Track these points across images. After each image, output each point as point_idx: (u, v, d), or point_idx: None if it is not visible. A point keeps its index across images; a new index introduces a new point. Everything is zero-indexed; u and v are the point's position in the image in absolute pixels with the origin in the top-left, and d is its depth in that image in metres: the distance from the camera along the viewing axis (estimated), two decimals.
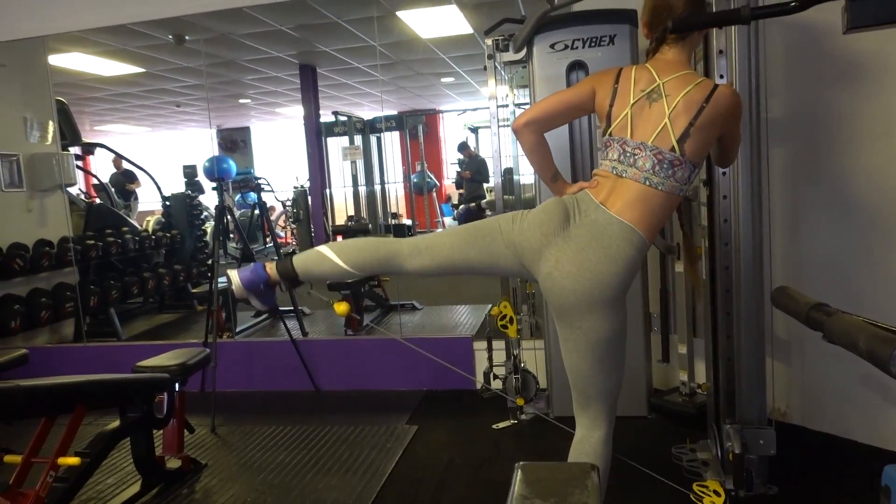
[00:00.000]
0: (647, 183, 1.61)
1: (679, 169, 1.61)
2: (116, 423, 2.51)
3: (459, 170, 9.21)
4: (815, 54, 2.66)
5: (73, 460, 2.22)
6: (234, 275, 1.83)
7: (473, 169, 8.89)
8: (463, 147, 9.29)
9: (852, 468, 2.54)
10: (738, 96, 1.71)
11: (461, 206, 9.37)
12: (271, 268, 1.83)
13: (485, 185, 9.20)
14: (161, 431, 2.78)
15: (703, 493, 2.22)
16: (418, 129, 9.46)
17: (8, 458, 2.30)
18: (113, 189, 7.99)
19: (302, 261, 1.84)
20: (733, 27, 2.14)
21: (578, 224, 1.63)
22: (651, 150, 1.61)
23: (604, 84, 1.72)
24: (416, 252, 1.77)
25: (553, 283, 1.62)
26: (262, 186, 9.21)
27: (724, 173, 2.23)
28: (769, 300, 1.84)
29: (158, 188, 7.18)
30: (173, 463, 2.77)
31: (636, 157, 1.63)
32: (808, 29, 2.65)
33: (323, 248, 1.83)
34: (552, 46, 2.87)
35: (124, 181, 8.49)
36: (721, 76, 2.18)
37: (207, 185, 8.76)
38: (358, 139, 8.62)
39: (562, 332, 1.69)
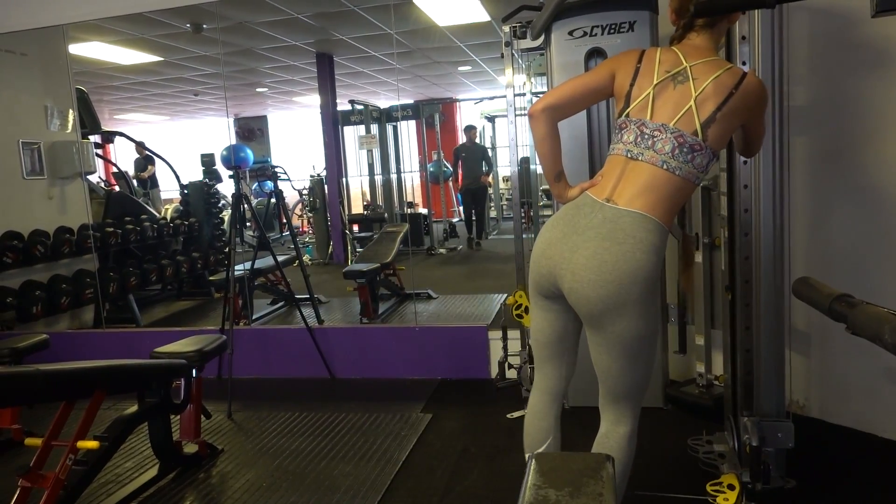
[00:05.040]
0: (665, 167, 1.56)
1: (699, 155, 1.57)
2: (134, 408, 2.54)
3: (459, 157, 8.89)
4: (840, 42, 2.61)
5: (91, 444, 2.25)
6: None
7: (477, 156, 8.75)
8: (468, 129, 9.10)
9: (873, 463, 2.50)
10: (765, 87, 1.68)
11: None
12: None
13: (492, 175, 9.12)
14: (178, 416, 2.81)
15: (716, 492, 2.20)
16: (435, 117, 9.42)
17: (29, 441, 2.34)
18: (134, 175, 8.10)
19: None
20: (757, 12, 2.09)
21: (583, 229, 1.57)
22: (672, 133, 1.57)
23: (625, 65, 1.68)
24: (542, 382, 1.84)
25: (577, 296, 1.57)
26: (279, 175, 9.26)
27: (744, 162, 2.19)
28: (789, 291, 1.81)
29: (177, 176, 7.25)
30: (190, 448, 2.80)
31: (655, 139, 1.58)
32: (834, 16, 2.59)
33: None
34: (570, 33, 2.83)
35: (142, 166, 8.59)
36: (744, 63, 2.14)
37: (225, 173, 8.85)
38: (374, 128, 8.61)
39: (592, 337, 1.64)
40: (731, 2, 1.56)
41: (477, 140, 8.96)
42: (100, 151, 7.41)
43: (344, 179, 8.21)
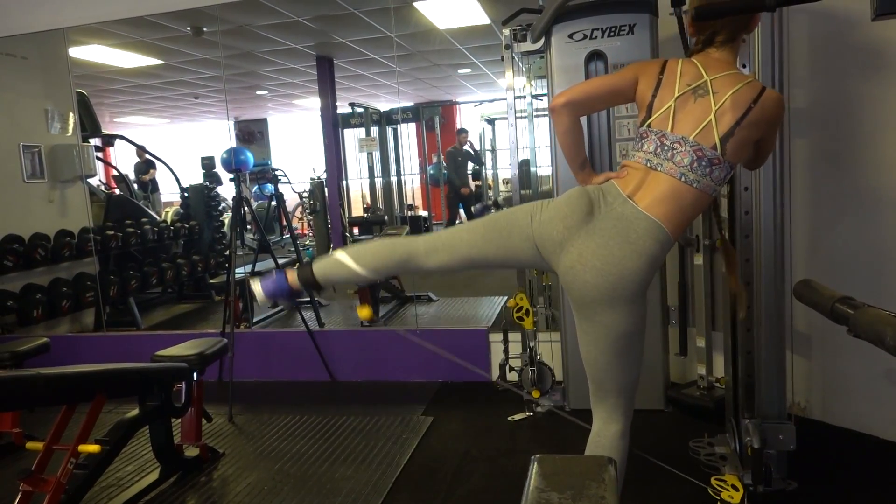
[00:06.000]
0: (683, 179, 1.57)
1: (717, 168, 1.58)
2: (136, 412, 2.54)
3: (456, 160, 8.79)
4: (841, 44, 2.61)
5: (93, 448, 2.25)
6: (256, 286, 1.85)
7: (465, 161, 8.73)
8: (460, 132, 9.07)
9: (874, 464, 2.50)
10: (784, 102, 1.68)
11: (478, 205, 9.15)
12: (293, 277, 1.83)
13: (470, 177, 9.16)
14: (179, 420, 2.81)
15: (721, 487, 2.19)
16: (435, 120, 9.41)
17: (30, 445, 2.34)
18: (135, 178, 8.09)
19: (321, 268, 1.83)
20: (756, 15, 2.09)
21: (604, 217, 1.59)
22: (691, 146, 1.58)
23: (648, 73, 1.68)
24: (433, 251, 1.76)
25: (575, 276, 1.59)
26: (279, 178, 9.25)
27: None
28: (790, 293, 1.81)
29: (177, 179, 7.24)
30: (191, 451, 2.80)
31: (675, 151, 1.59)
32: (834, 18, 2.60)
33: (340, 254, 1.82)
34: (570, 36, 2.84)
35: (143, 169, 8.59)
36: (744, 65, 2.14)
37: (225, 176, 8.84)
38: (374, 130, 8.61)
39: (580, 325, 1.66)
40: (731, 5, 1.55)
41: (466, 146, 8.96)
42: (100, 154, 7.41)
43: (344, 182, 8.20)
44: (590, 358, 1.67)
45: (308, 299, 4.94)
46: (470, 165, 9.00)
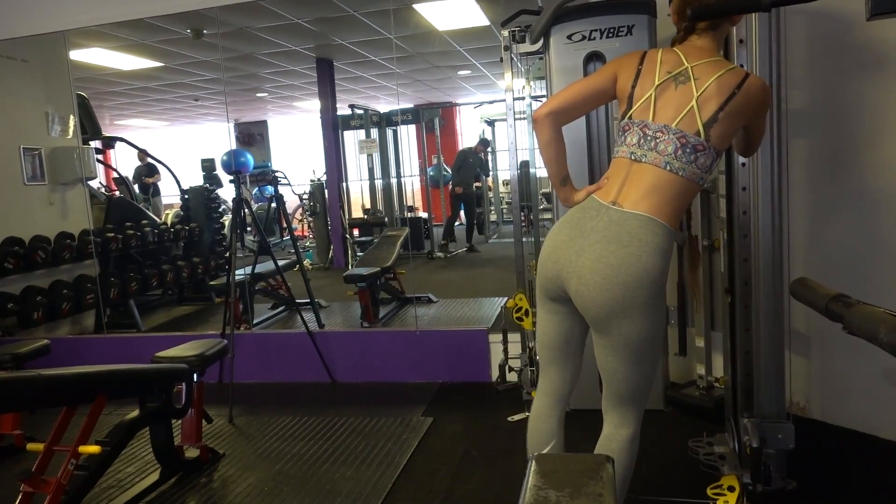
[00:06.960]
0: (668, 168, 1.55)
1: (702, 155, 1.56)
2: (136, 413, 2.55)
3: (467, 160, 8.89)
4: (838, 44, 2.62)
5: (93, 449, 2.26)
6: None
7: (476, 167, 8.81)
8: (483, 142, 9.17)
9: (874, 464, 2.51)
10: (768, 88, 1.68)
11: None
12: None
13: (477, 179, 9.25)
14: (180, 421, 2.81)
15: (717, 495, 2.19)
16: (434, 122, 9.43)
17: (30, 446, 2.35)
18: (134, 179, 8.09)
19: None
20: (754, 15, 2.10)
21: (588, 232, 1.57)
22: (674, 134, 1.56)
23: (627, 66, 1.68)
24: (544, 385, 1.82)
25: (583, 299, 1.57)
26: (279, 180, 9.28)
27: (743, 164, 2.19)
28: (788, 293, 1.82)
29: (177, 181, 7.26)
30: (192, 452, 2.81)
31: (658, 140, 1.57)
32: (831, 18, 2.61)
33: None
34: (569, 37, 2.84)
35: (146, 172, 8.61)
36: (741, 66, 2.15)
37: (225, 178, 8.86)
38: (374, 132, 8.62)
39: (599, 340, 1.63)
40: (725, 5, 1.56)
41: (480, 154, 9.04)
42: (100, 157, 7.42)
43: (344, 184, 8.22)
44: (609, 368, 1.64)
45: (308, 301, 4.94)
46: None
